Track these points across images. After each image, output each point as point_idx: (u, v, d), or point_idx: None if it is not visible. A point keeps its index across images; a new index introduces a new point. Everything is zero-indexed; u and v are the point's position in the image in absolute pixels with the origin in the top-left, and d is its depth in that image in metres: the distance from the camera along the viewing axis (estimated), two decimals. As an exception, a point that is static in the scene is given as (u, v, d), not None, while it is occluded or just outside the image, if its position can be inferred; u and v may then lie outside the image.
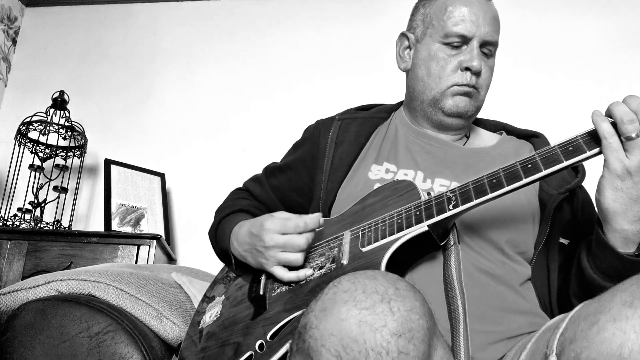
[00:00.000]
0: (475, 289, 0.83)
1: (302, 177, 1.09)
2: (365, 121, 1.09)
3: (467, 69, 0.97)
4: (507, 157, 0.78)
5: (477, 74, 0.97)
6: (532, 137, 1.07)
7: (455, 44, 0.98)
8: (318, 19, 2.45)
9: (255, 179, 1.18)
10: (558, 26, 2.23)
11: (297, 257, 0.85)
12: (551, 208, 0.91)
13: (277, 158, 1.30)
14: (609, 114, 0.72)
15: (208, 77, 2.46)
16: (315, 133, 1.11)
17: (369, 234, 0.83)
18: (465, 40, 0.97)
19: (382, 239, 0.80)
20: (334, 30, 2.42)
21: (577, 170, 0.97)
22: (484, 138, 1.09)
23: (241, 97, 2.40)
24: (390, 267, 0.76)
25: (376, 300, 0.55)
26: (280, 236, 0.85)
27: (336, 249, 0.85)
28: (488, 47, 0.99)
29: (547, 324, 0.75)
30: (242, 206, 1.08)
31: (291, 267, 0.86)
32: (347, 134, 1.07)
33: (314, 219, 0.85)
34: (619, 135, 0.70)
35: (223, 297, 0.97)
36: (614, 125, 0.71)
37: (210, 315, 0.94)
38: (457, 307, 0.77)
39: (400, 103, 1.14)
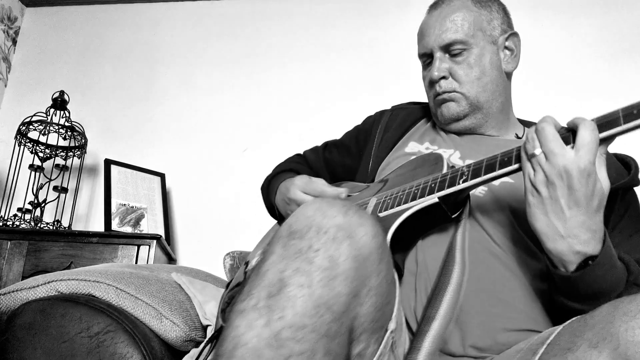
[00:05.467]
0: (479, 268, 0.84)
1: (352, 156, 1.19)
2: (413, 110, 1.18)
3: (430, 82, 1.05)
4: None
5: (438, 82, 1.03)
6: None
7: (427, 62, 1.07)
8: (318, 18, 2.45)
9: (313, 150, 1.29)
10: (548, 31, 2.23)
11: None
12: None
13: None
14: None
15: (208, 77, 2.46)
16: (371, 120, 1.22)
17: (389, 200, 0.88)
18: (429, 56, 1.05)
19: (397, 206, 0.85)
20: (334, 29, 2.42)
21: (630, 170, 0.94)
22: None
23: (241, 97, 2.40)
24: (403, 232, 0.81)
25: (342, 212, 0.60)
26: (300, 193, 0.98)
27: None
28: (452, 48, 1.02)
29: (533, 338, 0.74)
30: (293, 167, 1.22)
31: None
32: (396, 120, 1.16)
33: (336, 190, 0.95)
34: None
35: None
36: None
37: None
38: (450, 276, 0.77)
39: None
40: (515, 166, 0.76)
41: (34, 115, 2.15)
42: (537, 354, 0.64)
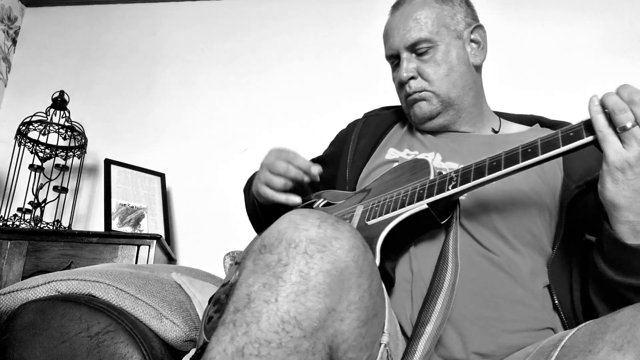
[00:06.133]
0: (471, 272, 0.83)
1: (330, 171, 1.17)
2: (386, 116, 1.17)
3: (400, 83, 1.05)
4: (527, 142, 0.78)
5: (407, 82, 1.03)
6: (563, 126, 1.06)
7: (395, 64, 1.08)
8: (318, 19, 2.45)
9: None
10: (551, 30, 2.23)
11: (275, 180, 0.97)
12: (565, 203, 0.89)
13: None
14: (603, 104, 0.70)
15: (208, 76, 2.46)
16: (344, 131, 1.22)
17: (376, 208, 0.87)
18: (396, 57, 1.06)
19: (385, 213, 0.83)
20: (335, 29, 2.42)
21: None
22: (513, 130, 1.09)
23: (241, 97, 2.40)
24: (391, 240, 0.80)
25: (315, 224, 0.59)
26: (272, 157, 1.00)
27: (348, 221, 0.89)
28: (418, 47, 1.02)
29: (542, 342, 0.72)
30: None
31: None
32: (370, 127, 1.15)
33: (307, 162, 0.97)
34: (615, 127, 0.68)
35: None
36: (609, 116, 0.69)
37: None
38: (443, 278, 0.77)
39: None
40: (505, 171, 0.74)
41: (34, 115, 2.15)
42: (551, 357, 0.62)
